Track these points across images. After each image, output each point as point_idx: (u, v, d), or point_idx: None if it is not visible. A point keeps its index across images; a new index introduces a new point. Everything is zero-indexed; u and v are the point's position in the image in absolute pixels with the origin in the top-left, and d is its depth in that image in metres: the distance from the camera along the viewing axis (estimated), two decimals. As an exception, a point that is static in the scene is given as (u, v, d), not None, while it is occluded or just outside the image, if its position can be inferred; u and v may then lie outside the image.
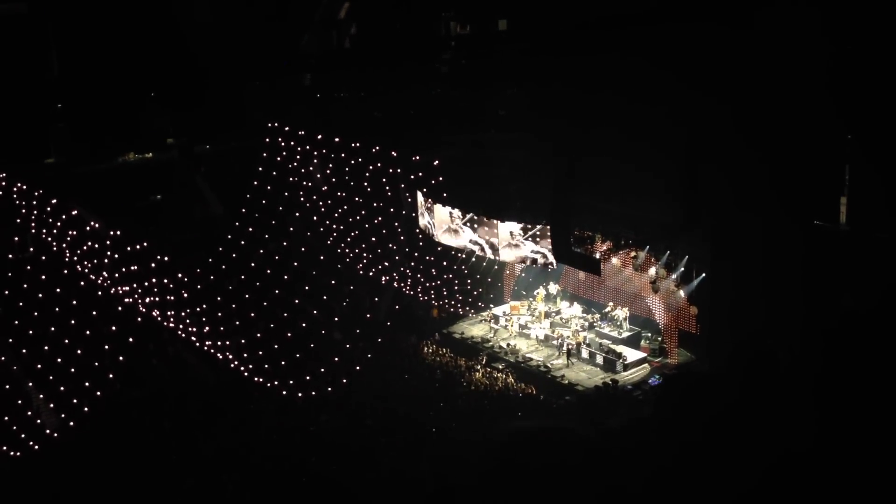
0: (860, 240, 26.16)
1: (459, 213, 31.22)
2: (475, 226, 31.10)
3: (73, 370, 25.21)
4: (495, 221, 30.72)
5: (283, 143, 31.91)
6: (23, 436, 24.69)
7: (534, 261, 30.52)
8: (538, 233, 29.94)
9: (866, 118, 25.57)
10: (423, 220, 32.68)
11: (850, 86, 25.24)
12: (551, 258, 29.97)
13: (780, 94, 25.62)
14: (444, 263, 32.96)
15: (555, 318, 32.95)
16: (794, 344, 24.24)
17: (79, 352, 25.35)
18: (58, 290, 25.82)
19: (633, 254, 29.60)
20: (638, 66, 27.04)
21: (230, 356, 26.89)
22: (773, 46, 25.39)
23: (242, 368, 26.90)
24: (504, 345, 31.60)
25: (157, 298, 26.30)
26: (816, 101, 25.20)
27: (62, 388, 25.16)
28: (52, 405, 25.35)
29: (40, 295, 25.69)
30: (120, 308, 26.62)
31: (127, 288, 26.44)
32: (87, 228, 25.81)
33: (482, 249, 31.34)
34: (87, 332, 25.49)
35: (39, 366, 25.18)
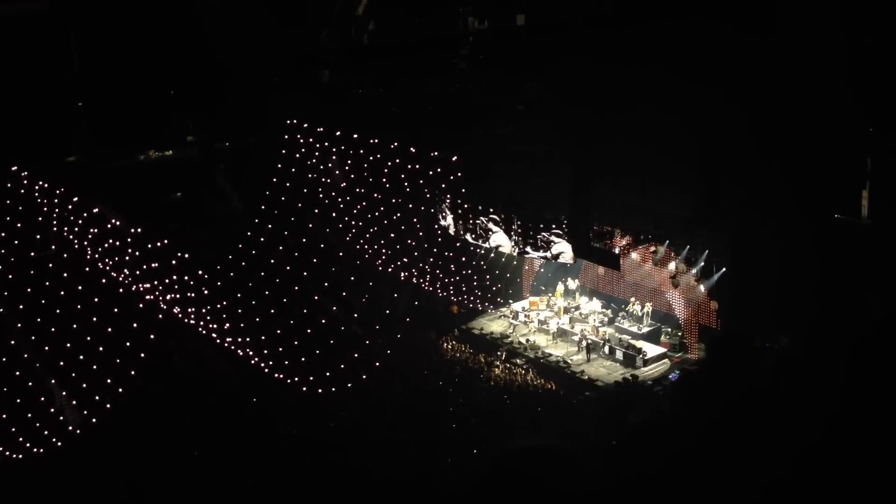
0: (883, 234, 25.95)
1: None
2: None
3: (95, 367, 25.40)
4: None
5: (301, 140, 31.99)
6: (46, 432, 24.91)
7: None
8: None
9: (889, 110, 25.36)
10: (444, 221, 32.71)
11: (873, 78, 25.04)
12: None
13: (799, 87, 25.45)
14: (463, 259, 32.96)
15: (574, 313, 32.90)
16: (815, 338, 24.10)
17: (100, 349, 25.53)
18: (79, 287, 26.01)
19: (652, 248, 29.51)
20: (653, 64, 27.00)
21: (250, 352, 27.03)
22: (791, 41, 25.24)
23: (262, 364, 27.03)
24: (523, 340, 31.58)
25: (178, 295, 26.46)
26: (837, 93, 25.01)
27: (84, 385, 25.35)
28: (74, 402, 25.55)
29: (62, 292, 25.89)
30: (141, 305, 26.78)
31: (148, 285, 26.60)
32: (109, 226, 25.99)
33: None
34: (109, 330, 25.66)
35: (62, 363, 25.39)
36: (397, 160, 31.35)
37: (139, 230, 25.96)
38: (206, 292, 26.31)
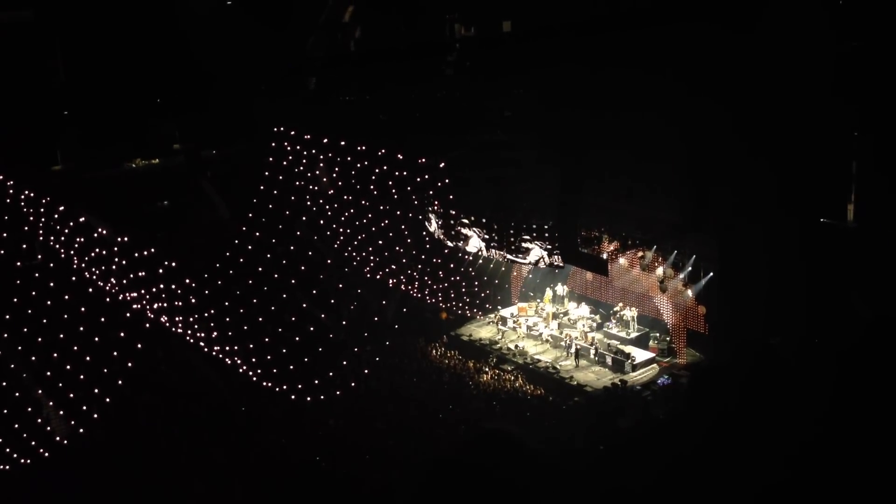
0: (868, 237, 26.11)
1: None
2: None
3: (82, 377, 25.25)
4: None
5: (288, 147, 31.92)
6: (33, 443, 24.74)
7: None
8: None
9: (874, 114, 25.53)
10: (432, 227, 32.67)
11: (858, 81, 25.21)
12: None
13: (784, 91, 25.60)
14: (452, 265, 32.94)
15: (562, 319, 32.93)
16: (803, 342, 24.20)
17: (88, 358, 25.38)
18: (66, 296, 25.86)
19: (640, 254, 29.57)
20: (639, 69, 27.13)
21: (238, 360, 26.93)
22: (776, 45, 25.38)
23: (251, 373, 26.93)
24: (512, 346, 31.58)
25: (165, 304, 26.34)
26: (822, 98, 25.17)
27: (71, 395, 25.20)
28: (61, 412, 25.39)
29: (49, 302, 25.73)
30: (128, 314, 26.65)
31: (135, 294, 26.48)
32: (95, 235, 25.85)
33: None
34: (96, 339, 25.52)
35: (49, 373, 25.23)
36: (385, 167, 31.32)
37: (126, 239, 25.83)
38: (193, 301, 26.20)
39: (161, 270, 25.71)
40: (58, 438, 25.21)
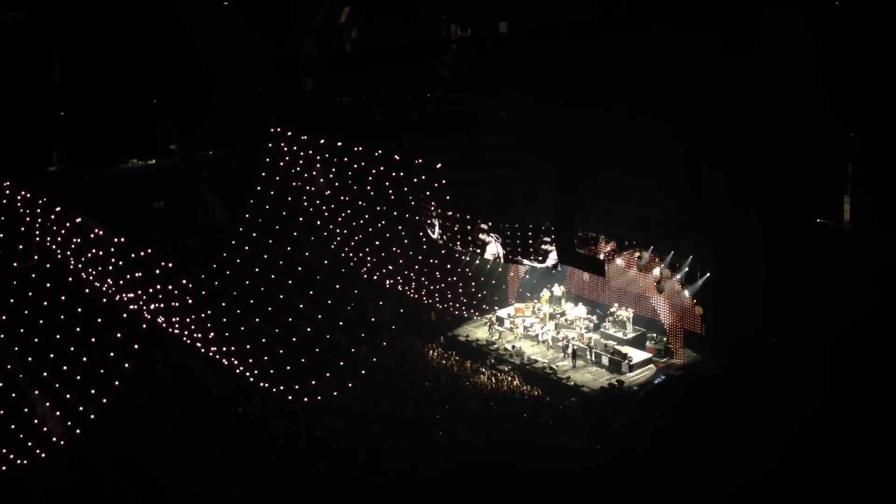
0: (863, 237, 26.17)
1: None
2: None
3: (78, 377, 25.20)
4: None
5: (285, 148, 31.88)
6: (29, 444, 24.70)
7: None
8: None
9: (869, 115, 25.59)
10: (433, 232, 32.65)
11: (853, 82, 25.28)
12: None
13: (779, 93, 25.66)
14: (449, 266, 32.94)
15: (559, 319, 32.93)
16: (799, 342, 24.26)
17: (84, 359, 25.35)
18: (62, 297, 25.83)
19: (637, 254, 29.59)
20: (636, 71, 27.21)
21: (235, 361, 26.92)
22: (771, 48, 25.47)
23: (247, 374, 26.92)
24: (509, 347, 31.57)
25: (162, 305, 26.31)
26: (817, 99, 25.23)
27: (68, 396, 25.15)
28: (57, 413, 25.34)
29: (45, 303, 25.70)
30: (125, 315, 26.61)
31: (131, 295, 26.45)
32: (91, 236, 25.82)
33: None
34: (92, 339, 25.49)
35: (45, 373, 25.18)
36: (381, 168, 31.30)
37: (122, 240, 25.79)
38: (189, 301, 26.18)
39: (157, 271, 25.68)
40: (54, 439, 25.15)
